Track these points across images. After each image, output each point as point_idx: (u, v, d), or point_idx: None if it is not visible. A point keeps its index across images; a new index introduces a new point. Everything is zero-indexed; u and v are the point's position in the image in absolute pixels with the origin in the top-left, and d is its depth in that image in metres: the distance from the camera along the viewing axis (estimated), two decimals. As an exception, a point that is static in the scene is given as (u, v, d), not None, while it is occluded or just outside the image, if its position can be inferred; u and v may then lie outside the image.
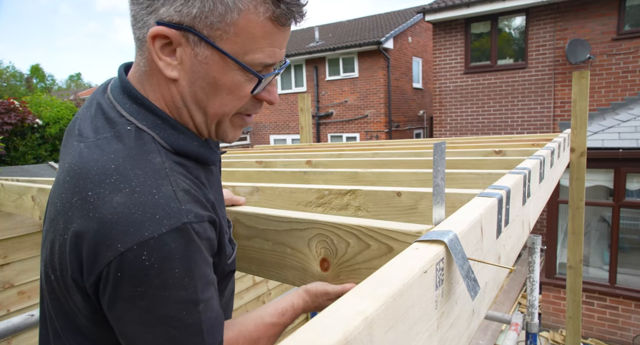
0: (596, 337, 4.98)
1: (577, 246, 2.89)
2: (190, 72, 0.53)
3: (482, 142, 2.37)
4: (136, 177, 0.47)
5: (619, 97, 6.42)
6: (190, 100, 0.55)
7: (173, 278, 0.46)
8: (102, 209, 0.46)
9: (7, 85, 33.40)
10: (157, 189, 0.47)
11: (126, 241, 0.44)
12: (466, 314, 0.62)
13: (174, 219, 0.46)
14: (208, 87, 0.54)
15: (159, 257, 0.45)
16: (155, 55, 0.52)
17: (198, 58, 0.52)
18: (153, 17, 0.51)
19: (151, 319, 0.46)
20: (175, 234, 0.46)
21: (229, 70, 0.53)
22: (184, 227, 0.47)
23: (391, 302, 0.37)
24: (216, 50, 0.51)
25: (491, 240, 0.74)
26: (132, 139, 0.51)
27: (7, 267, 2.13)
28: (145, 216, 0.45)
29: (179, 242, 0.46)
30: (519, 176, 0.99)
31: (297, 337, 0.30)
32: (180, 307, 0.47)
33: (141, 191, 0.46)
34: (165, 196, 0.47)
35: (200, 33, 0.50)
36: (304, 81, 11.73)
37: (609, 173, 4.84)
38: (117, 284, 0.46)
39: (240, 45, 0.52)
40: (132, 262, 0.44)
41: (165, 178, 0.49)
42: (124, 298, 0.46)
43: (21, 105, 6.71)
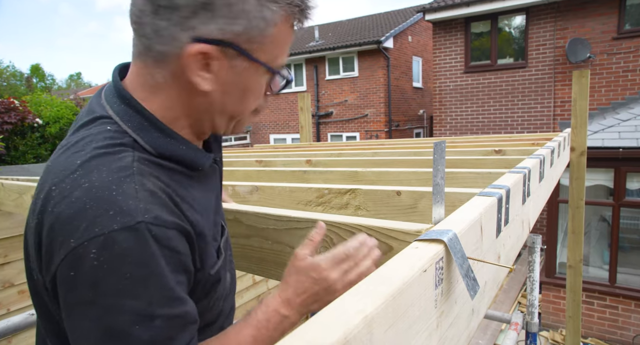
0: (596, 336, 4.98)
1: (577, 246, 2.89)
2: (224, 83, 0.54)
3: (482, 142, 2.37)
4: (99, 173, 0.46)
5: (619, 96, 6.42)
6: (218, 109, 0.57)
7: (124, 283, 0.42)
8: (60, 204, 0.45)
9: (7, 84, 33.40)
10: (118, 185, 0.45)
11: (77, 237, 0.43)
12: (466, 313, 0.62)
13: (128, 217, 0.43)
14: (240, 94, 0.56)
15: (109, 257, 0.42)
16: (190, 71, 0.52)
17: (234, 70, 0.54)
18: (187, 34, 0.50)
19: (97, 332, 0.42)
20: (127, 233, 0.43)
21: (259, 76, 0.57)
22: (138, 227, 0.44)
23: (391, 301, 0.37)
24: (254, 61, 0.54)
25: (491, 239, 0.74)
26: (109, 139, 0.51)
27: (7, 266, 2.13)
28: (98, 212, 0.43)
29: (131, 242, 0.43)
30: (518, 175, 0.99)
31: (296, 336, 0.30)
32: (131, 319, 0.42)
33: (100, 186, 0.45)
34: (124, 193, 0.45)
35: (240, 48, 0.52)
36: (304, 80, 11.72)
37: (609, 172, 4.84)
38: (68, 286, 0.44)
39: (272, 53, 0.56)
40: (81, 260, 0.42)
41: (130, 176, 0.47)
42: (73, 304, 0.44)
43: (21, 105, 6.70)
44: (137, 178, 0.48)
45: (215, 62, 0.52)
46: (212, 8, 0.49)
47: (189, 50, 0.50)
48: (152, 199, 0.47)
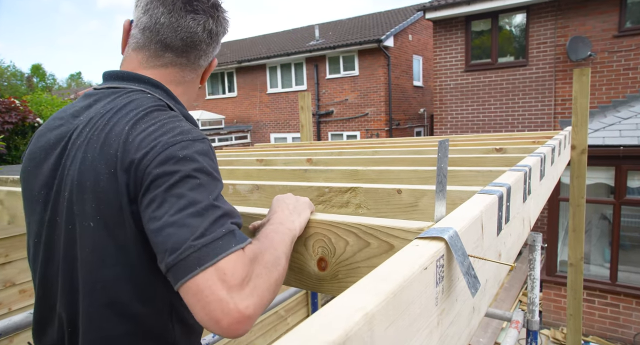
0: (597, 334, 4.98)
1: (578, 244, 2.88)
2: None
3: (482, 140, 2.37)
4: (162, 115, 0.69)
5: (620, 94, 6.41)
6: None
7: (215, 168, 0.65)
8: (146, 136, 0.66)
9: (8, 84, 33.40)
10: (180, 121, 0.70)
11: (180, 139, 0.64)
12: (467, 311, 0.62)
13: (202, 135, 0.69)
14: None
15: (209, 149, 0.67)
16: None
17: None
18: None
19: (204, 201, 0.59)
20: (207, 140, 0.68)
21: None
22: (206, 140, 0.69)
23: (391, 299, 0.37)
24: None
25: (492, 237, 0.74)
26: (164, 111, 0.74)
27: (8, 266, 2.14)
28: (184, 129, 0.67)
29: (209, 145, 0.68)
30: (519, 173, 0.98)
31: (297, 333, 0.30)
32: (218, 194, 0.62)
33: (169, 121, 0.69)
34: (187, 124, 0.70)
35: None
36: (304, 79, 11.72)
37: (610, 170, 4.83)
38: (174, 172, 0.60)
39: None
40: (197, 148, 0.64)
41: (182, 120, 0.71)
42: (179, 182, 0.59)
43: (22, 105, 6.70)
44: (185, 121, 0.71)
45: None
46: (215, 32, 0.81)
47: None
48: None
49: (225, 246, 0.55)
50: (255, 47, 13.92)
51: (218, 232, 0.55)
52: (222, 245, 0.55)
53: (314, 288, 0.74)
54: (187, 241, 0.54)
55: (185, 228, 0.55)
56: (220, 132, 12.24)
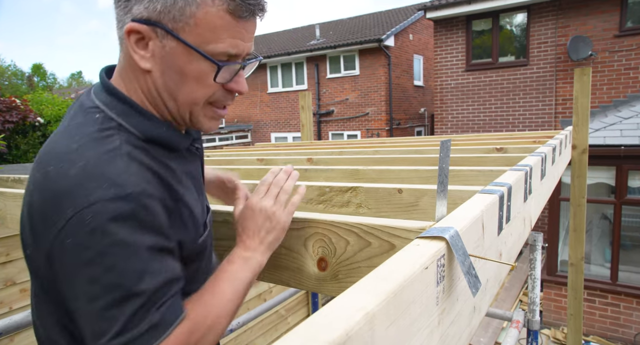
0: (598, 334, 4.98)
1: (578, 244, 2.88)
2: (160, 63, 0.59)
3: (483, 140, 2.37)
4: (93, 154, 0.53)
5: (621, 94, 6.40)
6: (162, 89, 0.60)
7: (116, 247, 0.48)
8: (58, 181, 0.51)
9: (9, 83, 33.43)
10: (109, 163, 0.52)
11: (75, 206, 0.49)
12: (467, 311, 0.62)
13: (119, 188, 0.50)
14: (176, 76, 0.59)
15: (104, 222, 0.48)
16: (130, 49, 0.58)
17: (166, 50, 0.57)
18: (129, 16, 0.57)
19: (96, 288, 0.48)
20: (119, 202, 0.49)
21: (193, 60, 0.58)
22: (128, 197, 0.50)
23: (392, 298, 0.37)
24: (180, 41, 0.56)
25: (492, 237, 0.74)
26: (97, 124, 0.57)
27: (9, 265, 2.14)
28: (93, 185, 0.50)
29: (123, 210, 0.49)
30: (520, 173, 0.98)
31: (298, 333, 0.30)
32: (126, 272, 0.49)
33: (94, 164, 0.51)
34: (116, 169, 0.52)
35: (165, 26, 0.56)
36: (305, 79, 11.71)
37: (611, 170, 4.83)
38: (69, 252, 0.49)
39: (201, 36, 0.57)
40: (79, 226, 0.48)
41: (119, 156, 0.54)
42: (73, 267, 0.49)
43: (22, 104, 6.70)
44: (125, 158, 0.54)
45: (150, 42, 0.58)
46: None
47: (125, 29, 0.57)
48: (139, 173, 0.54)
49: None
50: (256, 47, 13.92)
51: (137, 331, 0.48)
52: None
53: (313, 289, 0.74)
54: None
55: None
56: (221, 132, 12.25)
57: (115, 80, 0.63)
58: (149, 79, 0.60)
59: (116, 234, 0.48)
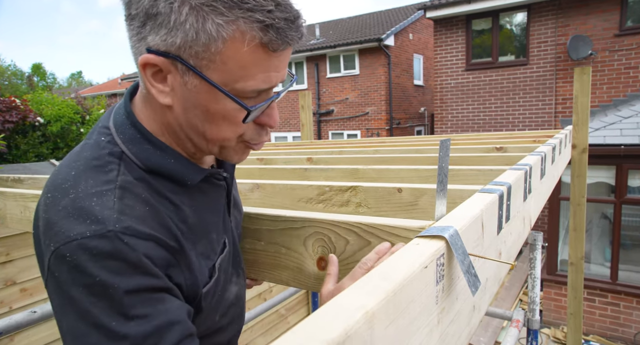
0: (598, 333, 4.98)
1: (578, 243, 2.88)
2: (182, 99, 0.52)
3: (483, 139, 2.37)
4: (86, 185, 0.49)
5: (621, 93, 6.40)
6: (186, 126, 0.55)
7: (94, 287, 0.44)
8: (50, 210, 0.48)
9: (9, 83, 33.41)
10: (99, 197, 0.48)
11: (56, 241, 0.46)
12: (467, 310, 0.62)
13: (100, 225, 0.46)
14: (202, 115, 0.53)
15: (80, 261, 0.44)
16: (147, 82, 0.52)
17: (188, 87, 0.51)
18: (143, 44, 0.50)
19: (80, 327, 0.44)
20: (97, 240, 0.45)
21: (220, 99, 0.51)
22: (108, 235, 0.45)
23: (392, 297, 0.37)
24: (204, 79, 0.49)
25: (492, 236, 0.74)
26: (99, 150, 0.53)
27: (9, 265, 2.14)
28: (77, 220, 0.46)
29: (101, 248, 0.45)
30: (520, 172, 0.98)
31: (297, 332, 0.30)
32: (106, 314, 0.44)
33: (83, 197, 0.48)
34: (102, 204, 0.47)
35: (187, 62, 0.49)
36: (305, 78, 11.70)
37: (611, 170, 4.83)
38: (51, 287, 0.47)
39: (228, 73, 0.49)
40: (59, 262, 0.45)
41: (112, 190, 0.49)
42: (56, 304, 0.47)
43: (22, 104, 6.70)
44: (118, 191, 0.49)
45: (169, 75, 0.51)
46: (156, 18, 0.47)
47: (140, 60, 0.50)
48: (128, 210, 0.48)
49: None
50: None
51: None
52: None
53: (313, 288, 0.74)
54: None
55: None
56: (221, 131, 12.24)
57: (137, 104, 0.57)
58: (170, 115, 0.54)
59: (95, 275, 0.44)
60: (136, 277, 0.46)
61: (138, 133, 0.55)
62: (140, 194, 0.51)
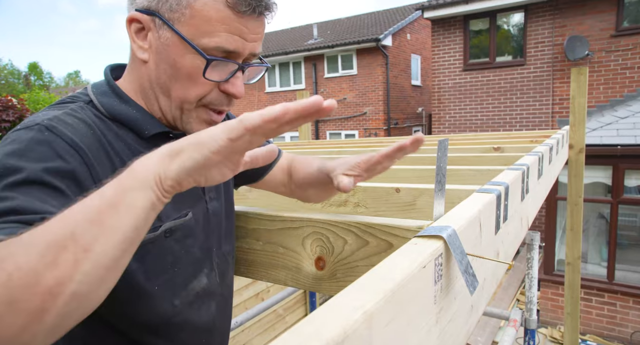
0: (594, 333, 5.01)
1: (575, 243, 2.90)
2: (156, 54, 0.57)
3: (480, 139, 2.38)
4: (43, 112, 0.54)
5: (618, 93, 6.43)
6: (155, 82, 0.59)
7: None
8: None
9: (6, 82, 33.25)
10: (46, 113, 0.53)
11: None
12: (465, 310, 0.62)
13: (31, 122, 0.50)
14: (170, 70, 0.57)
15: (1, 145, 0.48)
16: (130, 38, 0.57)
17: (161, 40, 0.56)
18: (133, 7, 0.57)
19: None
20: (24, 129, 0.49)
21: (187, 53, 0.55)
22: (34, 127, 0.49)
23: (390, 297, 0.37)
24: (175, 32, 0.54)
25: (490, 236, 0.74)
26: (71, 96, 0.59)
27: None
28: (22, 126, 0.50)
29: (18, 134, 0.49)
30: (517, 172, 0.99)
31: (296, 332, 0.30)
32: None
33: (36, 116, 0.52)
34: (45, 116, 0.51)
35: (162, 16, 0.55)
36: (303, 78, 11.70)
37: (608, 170, 4.85)
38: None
39: (196, 27, 0.54)
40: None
41: (59, 109, 0.54)
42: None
43: (19, 103, 6.66)
44: (65, 112, 0.53)
45: (149, 33, 0.57)
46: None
47: (127, 17, 0.56)
48: (65, 120, 0.52)
49: None
50: (254, 46, 13.86)
51: None
52: None
53: (311, 288, 0.74)
54: None
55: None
56: (219, 131, 12.21)
57: (122, 75, 0.64)
58: (144, 70, 0.59)
59: (4, 155, 0.45)
60: (33, 164, 0.45)
61: (110, 89, 0.61)
62: (87, 120, 0.54)
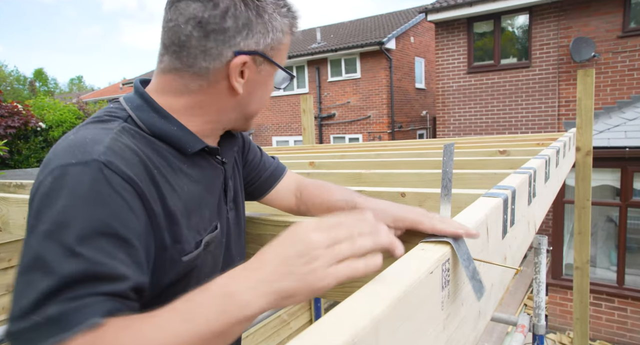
0: (604, 339, 4.93)
1: (583, 247, 2.86)
2: (250, 85, 0.64)
3: (486, 142, 2.36)
4: (85, 130, 0.54)
5: (625, 95, 6.37)
6: (245, 107, 0.66)
7: (64, 213, 0.43)
8: (49, 154, 0.52)
9: (11, 88, 33.70)
10: (93, 137, 0.52)
11: (43, 173, 0.48)
12: (472, 315, 0.61)
13: (86, 155, 0.48)
14: (263, 94, 0.67)
15: (58, 186, 0.45)
16: (233, 78, 0.61)
17: (261, 73, 0.64)
18: (231, 49, 0.59)
19: (28, 257, 0.43)
20: (80, 167, 0.47)
21: (273, 76, 0.67)
22: (91, 163, 0.47)
23: (397, 303, 0.37)
24: (274, 64, 0.64)
25: (497, 240, 0.73)
26: (106, 111, 0.60)
27: (11, 270, 2.15)
28: (69, 153, 0.49)
29: (81, 175, 0.46)
30: (524, 176, 0.98)
31: (303, 338, 0.30)
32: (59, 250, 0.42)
33: (79, 137, 0.52)
34: (93, 141, 0.50)
35: (267, 55, 0.63)
36: (306, 82, 11.74)
37: (616, 172, 4.80)
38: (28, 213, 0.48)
39: (283, 55, 0.67)
40: (39, 188, 0.47)
41: (107, 133, 0.53)
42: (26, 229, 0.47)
43: (24, 109, 6.74)
44: (112, 135, 0.53)
45: (247, 69, 0.62)
46: (251, 27, 0.60)
47: (234, 62, 0.59)
48: (117, 150, 0.51)
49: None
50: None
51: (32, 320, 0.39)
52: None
53: (317, 292, 0.73)
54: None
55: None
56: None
57: (159, 94, 0.62)
58: (232, 100, 0.64)
59: (61, 201, 0.44)
60: (105, 217, 0.45)
61: (146, 103, 0.60)
62: (138, 147, 0.54)
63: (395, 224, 0.61)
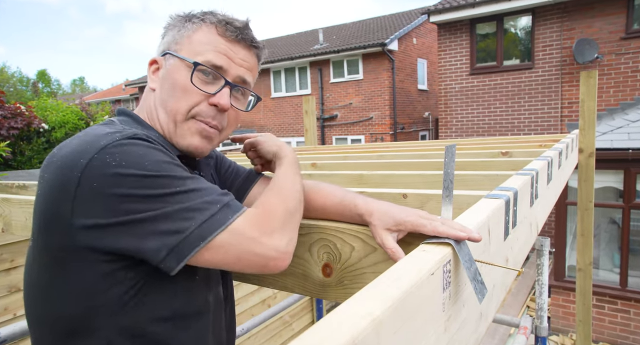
0: (607, 341, 4.90)
1: (586, 248, 2.85)
2: (162, 79, 0.70)
3: (488, 144, 2.36)
4: (92, 130, 0.60)
5: (628, 96, 6.35)
6: (159, 101, 0.70)
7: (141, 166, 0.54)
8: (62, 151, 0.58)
9: (14, 89, 33.87)
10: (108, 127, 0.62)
11: (84, 157, 0.54)
12: (474, 317, 0.61)
13: (118, 133, 0.57)
14: (169, 86, 0.69)
15: (121, 153, 0.54)
16: (148, 77, 0.73)
17: (167, 68, 0.70)
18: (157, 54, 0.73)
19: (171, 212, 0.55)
20: (130, 139, 0.57)
21: (183, 70, 0.68)
22: (131, 134, 0.58)
23: (399, 304, 0.37)
24: (176, 56, 0.68)
25: (499, 242, 0.73)
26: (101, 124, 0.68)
27: (14, 271, 2.15)
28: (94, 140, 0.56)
29: (135, 142, 0.57)
30: (526, 177, 0.97)
31: (304, 339, 0.30)
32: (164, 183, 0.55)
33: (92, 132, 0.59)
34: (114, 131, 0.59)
35: (171, 51, 0.70)
36: (309, 83, 11.75)
37: (619, 174, 4.77)
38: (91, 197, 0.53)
39: (192, 50, 0.69)
40: (99, 167, 0.53)
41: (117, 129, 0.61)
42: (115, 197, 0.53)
43: (27, 110, 6.76)
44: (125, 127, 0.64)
45: (161, 68, 0.71)
46: (165, 33, 0.73)
47: (148, 62, 0.72)
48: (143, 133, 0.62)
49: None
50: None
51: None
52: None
53: (318, 295, 0.73)
54: None
55: None
56: (225, 137, 12.28)
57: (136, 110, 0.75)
58: (152, 96, 0.72)
59: (146, 155, 0.56)
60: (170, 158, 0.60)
61: (131, 118, 0.71)
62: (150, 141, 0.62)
63: (397, 227, 0.61)
